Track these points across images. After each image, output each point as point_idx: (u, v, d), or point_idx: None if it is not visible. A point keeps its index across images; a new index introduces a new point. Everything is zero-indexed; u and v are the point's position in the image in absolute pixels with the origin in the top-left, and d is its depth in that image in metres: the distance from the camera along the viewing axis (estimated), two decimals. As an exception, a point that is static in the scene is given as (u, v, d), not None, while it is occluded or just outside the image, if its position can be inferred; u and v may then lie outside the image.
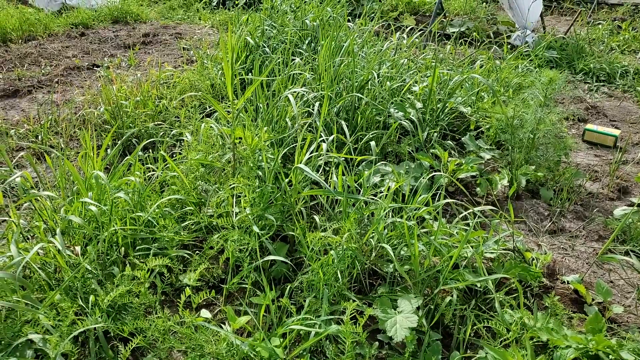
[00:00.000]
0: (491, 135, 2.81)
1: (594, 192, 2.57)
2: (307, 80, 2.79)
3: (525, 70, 3.87)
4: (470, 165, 2.38)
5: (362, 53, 3.25)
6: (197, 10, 6.44)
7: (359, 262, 1.71)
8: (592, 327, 1.49)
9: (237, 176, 1.89)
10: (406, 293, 1.62)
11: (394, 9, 6.44)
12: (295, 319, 1.45)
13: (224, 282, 1.79)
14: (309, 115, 2.51)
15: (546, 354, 1.48)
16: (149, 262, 1.56)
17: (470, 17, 6.13)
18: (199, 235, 1.95)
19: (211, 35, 5.19)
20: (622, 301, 1.84)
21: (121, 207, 1.84)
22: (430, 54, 3.66)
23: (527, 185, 2.50)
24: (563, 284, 1.87)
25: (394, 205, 1.82)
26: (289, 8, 3.94)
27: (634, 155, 3.02)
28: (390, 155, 2.63)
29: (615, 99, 3.95)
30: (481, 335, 1.58)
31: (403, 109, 2.69)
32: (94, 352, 1.46)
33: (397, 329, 1.45)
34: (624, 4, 6.62)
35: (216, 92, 3.30)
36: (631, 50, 4.99)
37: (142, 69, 4.09)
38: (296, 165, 1.87)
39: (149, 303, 1.54)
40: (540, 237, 2.21)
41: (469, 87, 3.19)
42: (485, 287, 1.69)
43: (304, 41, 3.47)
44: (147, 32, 5.35)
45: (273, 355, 1.35)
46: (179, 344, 1.40)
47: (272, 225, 1.82)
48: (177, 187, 2.00)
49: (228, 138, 2.14)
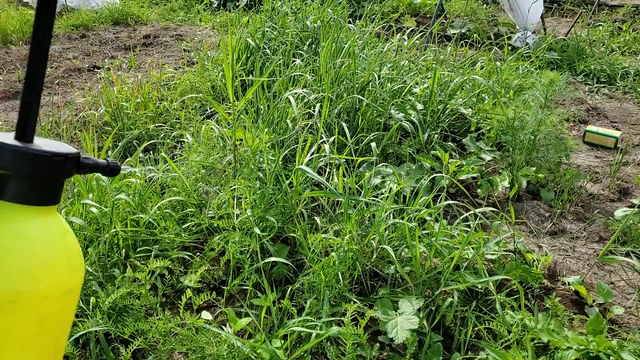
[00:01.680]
0: (492, 136, 2.81)
1: (595, 193, 2.57)
2: (307, 81, 2.79)
3: (526, 71, 3.87)
4: (471, 166, 2.38)
5: (362, 55, 3.25)
6: (198, 11, 6.45)
7: (360, 264, 1.71)
8: (593, 328, 1.49)
9: (238, 178, 1.89)
10: (407, 294, 1.62)
11: (394, 11, 6.44)
12: (296, 320, 1.45)
13: (224, 284, 1.79)
14: (310, 117, 2.52)
15: (547, 355, 1.48)
16: (150, 264, 1.56)
17: (471, 19, 6.14)
18: (200, 237, 1.95)
19: (212, 36, 5.20)
20: (623, 302, 1.83)
21: (122, 209, 1.84)
22: (431, 56, 3.66)
23: (528, 187, 2.50)
24: (564, 285, 1.87)
25: (396, 207, 1.82)
26: (289, 10, 3.95)
27: (634, 156, 3.01)
28: (391, 157, 2.63)
29: (616, 101, 3.95)
30: (482, 336, 1.58)
31: (404, 111, 2.69)
32: (95, 354, 1.46)
33: (398, 330, 1.45)
34: (625, 6, 6.63)
35: (217, 94, 3.30)
36: (632, 52, 4.99)
37: (143, 71, 4.09)
38: (297, 166, 1.87)
39: (149, 305, 1.54)
40: (541, 239, 2.20)
41: (469, 88, 3.19)
42: (486, 288, 1.69)
43: (305, 43, 3.47)
44: (147, 34, 5.36)
45: (274, 356, 1.35)
46: (180, 345, 1.40)
47: (273, 227, 1.82)
48: (178, 189, 2.00)
49: (229, 140, 2.14)
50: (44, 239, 0.59)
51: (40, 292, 0.58)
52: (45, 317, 0.60)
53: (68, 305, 0.64)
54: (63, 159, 0.60)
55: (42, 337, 0.61)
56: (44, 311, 0.60)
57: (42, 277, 0.58)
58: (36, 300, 0.58)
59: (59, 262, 0.60)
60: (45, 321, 0.60)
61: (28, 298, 0.57)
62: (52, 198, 0.61)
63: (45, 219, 0.60)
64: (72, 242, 0.64)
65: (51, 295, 0.59)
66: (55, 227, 0.61)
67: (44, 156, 0.58)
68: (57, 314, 0.62)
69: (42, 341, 0.62)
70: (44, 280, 0.58)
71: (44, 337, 0.62)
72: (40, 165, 0.58)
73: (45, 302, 0.59)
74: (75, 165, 0.63)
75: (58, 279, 0.60)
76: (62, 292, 0.61)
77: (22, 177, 0.57)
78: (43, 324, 0.60)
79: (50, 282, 0.59)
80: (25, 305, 0.57)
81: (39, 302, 0.58)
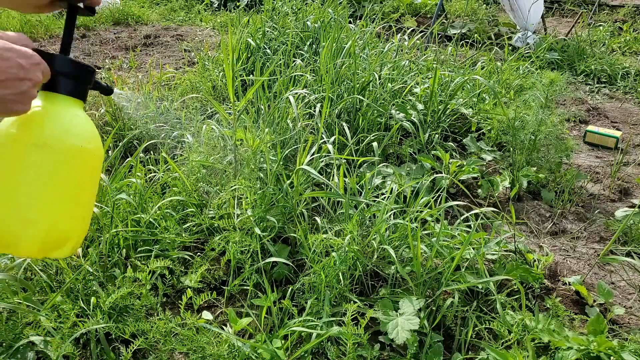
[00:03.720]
0: (492, 136, 2.81)
1: (595, 193, 2.57)
2: (308, 81, 2.79)
3: (526, 71, 3.87)
4: (472, 166, 2.38)
5: (363, 55, 3.25)
6: (199, 12, 6.45)
7: (360, 264, 1.71)
8: (594, 328, 1.49)
9: (239, 178, 1.89)
10: (408, 294, 1.62)
11: (395, 11, 6.45)
12: (296, 320, 1.45)
13: (225, 284, 1.79)
14: (311, 117, 2.51)
15: (548, 356, 1.48)
16: (151, 264, 1.56)
17: (471, 19, 6.14)
18: (201, 237, 1.95)
19: (212, 37, 5.20)
20: (623, 302, 1.83)
21: (122, 209, 1.85)
22: (431, 56, 3.66)
23: (529, 187, 2.50)
24: (564, 285, 1.87)
25: (397, 207, 1.81)
26: (290, 10, 3.95)
27: (635, 156, 3.01)
28: (391, 157, 2.63)
29: (617, 101, 3.95)
30: (483, 336, 1.57)
31: (404, 111, 2.69)
32: (96, 354, 1.46)
33: (399, 331, 1.45)
34: (625, 6, 6.62)
35: (217, 94, 3.30)
36: (632, 52, 4.99)
37: (144, 71, 4.09)
38: (298, 167, 1.87)
39: (150, 305, 1.54)
40: (542, 239, 2.20)
41: (470, 88, 3.19)
42: (487, 288, 1.69)
43: (305, 43, 3.47)
44: (148, 34, 5.36)
45: (275, 357, 1.35)
46: (181, 345, 1.40)
47: (273, 227, 1.82)
48: (178, 189, 2.01)
49: (229, 140, 2.14)
50: (86, 118, 0.89)
51: (92, 150, 0.88)
52: (94, 170, 0.92)
53: (99, 168, 0.94)
54: (93, 71, 0.91)
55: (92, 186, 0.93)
56: (93, 165, 0.90)
57: (92, 141, 0.88)
58: (90, 155, 0.88)
59: (96, 134, 0.90)
60: (94, 173, 0.92)
61: (86, 152, 0.86)
62: (83, 96, 0.90)
63: (82, 108, 0.90)
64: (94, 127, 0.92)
65: (96, 155, 0.90)
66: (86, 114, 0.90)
67: (86, 66, 0.89)
68: (97, 170, 0.93)
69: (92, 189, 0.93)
70: (93, 143, 0.88)
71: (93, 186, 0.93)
72: (83, 72, 0.89)
73: (93, 158, 0.89)
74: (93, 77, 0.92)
75: (98, 144, 0.90)
76: (100, 155, 0.91)
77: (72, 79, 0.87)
78: (93, 174, 0.92)
79: (96, 145, 0.89)
80: (85, 157, 0.87)
81: (91, 157, 0.88)
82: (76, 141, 0.84)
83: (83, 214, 0.92)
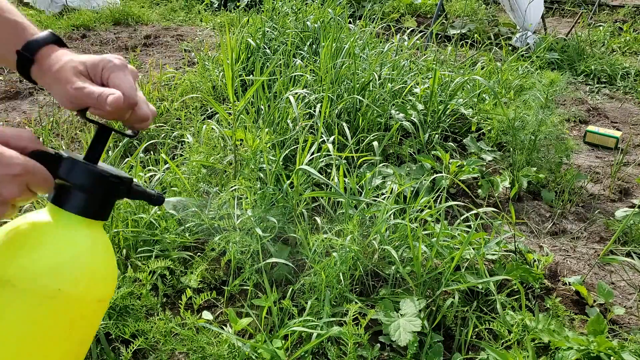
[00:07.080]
0: (492, 136, 2.81)
1: (595, 193, 2.57)
2: (308, 81, 2.79)
3: (526, 71, 3.87)
4: (472, 167, 2.38)
5: (363, 55, 3.25)
6: (199, 12, 6.45)
7: (361, 264, 1.71)
8: (594, 328, 1.49)
9: (239, 178, 1.89)
10: (408, 295, 1.62)
11: (395, 11, 6.45)
12: (297, 320, 1.45)
13: (225, 284, 1.79)
14: (310, 117, 2.51)
15: (548, 356, 1.48)
16: (151, 264, 1.56)
17: (471, 19, 6.14)
18: (201, 237, 1.95)
19: (212, 37, 5.20)
20: (623, 302, 1.83)
21: (123, 209, 1.84)
22: (431, 56, 3.66)
23: (529, 187, 2.50)
24: (564, 285, 1.87)
25: (397, 207, 1.82)
26: (290, 10, 3.95)
27: (635, 156, 3.01)
28: (391, 157, 2.63)
29: (617, 101, 3.95)
30: (483, 336, 1.58)
31: (404, 111, 2.69)
32: (96, 354, 1.46)
33: (401, 333, 1.45)
34: (625, 6, 6.63)
35: (217, 94, 3.30)
36: (632, 52, 4.99)
37: (144, 71, 4.10)
38: (298, 167, 1.87)
39: (150, 305, 1.54)
40: (542, 239, 2.20)
41: (470, 88, 3.19)
42: (487, 288, 1.69)
43: (305, 43, 3.47)
44: (148, 34, 5.36)
45: (275, 357, 1.35)
46: (181, 345, 1.40)
47: (273, 227, 1.82)
48: (178, 189, 2.00)
49: (229, 140, 2.14)
50: (89, 249, 0.67)
51: (77, 295, 0.64)
52: (76, 320, 0.66)
53: (96, 313, 0.70)
54: (119, 182, 0.68)
55: (69, 338, 0.67)
56: (76, 313, 0.65)
57: (81, 282, 0.64)
58: (72, 302, 0.64)
59: (97, 272, 0.67)
60: (76, 323, 0.66)
61: (65, 298, 0.63)
62: (103, 214, 0.69)
63: (93, 232, 0.68)
64: (111, 257, 0.71)
65: (85, 300, 0.66)
66: (100, 240, 0.69)
67: (105, 176, 0.66)
68: (86, 319, 0.68)
69: (69, 342, 0.67)
70: (82, 285, 0.64)
71: (71, 338, 0.67)
72: (100, 183, 0.66)
73: (78, 305, 0.65)
74: (127, 189, 0.70)
75: (93, 287, 0.66)
76: (94, 299, 0.67)
77: (83, 192, 0.65)
78: (73, 325, 0.66)
79: (87, 288, 0.65)
80: (61, 304, 0.63)
81: (74, 303, 0.65)
82: (51, 282, 0.61)
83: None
